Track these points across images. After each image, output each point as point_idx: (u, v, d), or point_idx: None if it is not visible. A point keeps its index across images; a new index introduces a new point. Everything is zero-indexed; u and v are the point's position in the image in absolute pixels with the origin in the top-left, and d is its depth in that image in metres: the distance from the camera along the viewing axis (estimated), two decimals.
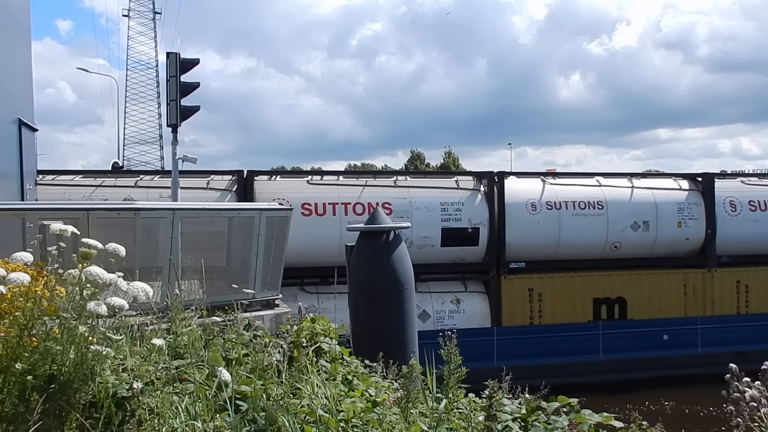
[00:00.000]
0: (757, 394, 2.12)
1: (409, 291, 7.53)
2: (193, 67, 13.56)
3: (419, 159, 70.27)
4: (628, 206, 16.99)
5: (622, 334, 16.50)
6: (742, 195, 17.74)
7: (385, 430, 3.01)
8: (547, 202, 16.62)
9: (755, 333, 17.06)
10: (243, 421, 2.82)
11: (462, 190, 16.47)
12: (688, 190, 17.55)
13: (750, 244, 17.58)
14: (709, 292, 17.31)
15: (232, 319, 4.60)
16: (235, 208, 8.11)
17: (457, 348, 4.30)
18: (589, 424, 3.18)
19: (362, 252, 7.72)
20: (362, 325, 7.38)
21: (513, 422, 3.34)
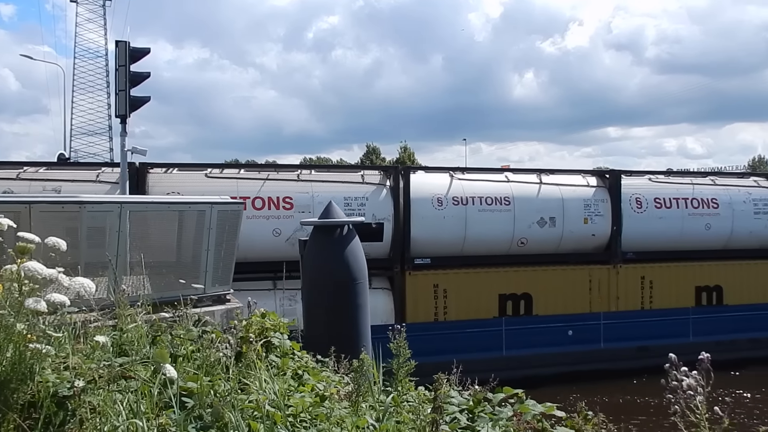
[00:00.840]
0: (694, 383, 2.19)
1: (362, 285, 7.56)
2: (143, 56, 13.20)
3: (375, 153, 70.13)
4: (535, 202, 16.93)
5: (526, 330, 16.45)
6: (649, 192, 17.87)
7: (333, 424, 3.02)
8: (453, 197, 16.43)
9: (657, 328, 17.23)
10: (189, 418, 2.80)
11: (367, 184, 16.17)
12: (595, 186, 17.58)
13: (655, 241, 17.73)
14: (614, 288, 17.39)
15: (181, 314, 4.56)
16: (185, 201, 7.89)
17: (406, 342, 4.44)
18: (533, 413, 3.23)
19: (316, 246, 7.75)
20: (315, 320, 7.43)
21: (460, 414, 3.36)
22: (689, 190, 18.30)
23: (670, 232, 17.85)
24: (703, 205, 18.18)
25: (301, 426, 3.04)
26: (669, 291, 17.82)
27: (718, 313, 17.91)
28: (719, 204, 18.31)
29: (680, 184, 18.45)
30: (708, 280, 18.28)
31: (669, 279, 17.88)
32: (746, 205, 18.55)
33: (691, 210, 18.05)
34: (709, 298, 18.26)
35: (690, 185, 18.45)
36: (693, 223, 18.04)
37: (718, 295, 18.33)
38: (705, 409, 2.18)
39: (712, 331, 17.35)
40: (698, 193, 18.28)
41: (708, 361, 2.23)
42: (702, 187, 18.48)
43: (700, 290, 18.21)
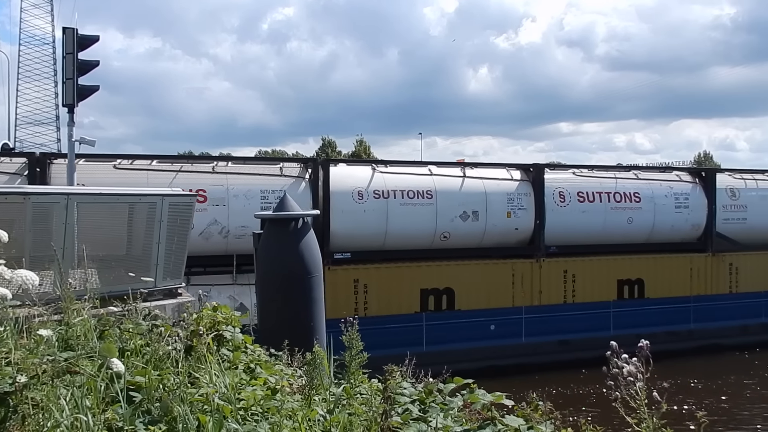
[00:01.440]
0: (634, 370, 2.26)
1: (317, 279, 7.57)
2: (92, 44, 12.81)
3: (331, 147, 69.76)
4: (457, 196, 16.77)
5: (447, 325, 16.27)
6: (572, 186, 17.88)
7: (284, 416, 3.00)
8: (374, 190, 16.14)
9: (578, 322, 17.27)
10: (137, 412, 2.76)
11: (285, 177, 15.77)
12: (519, 180, 17.49)
13: (577, 235, 17.75)
14: (537, 282, 17.35)
15: (131, 308, 4.51)
16: (135, 193, 7.79)
17: (359, 334, 4.45)
18: (482, 402, 3.26)
19: (270, 240, 7.70)
20: (270, 313, 7.39)
21: (412, 405, 3.38)
22: (612, 184, 18.40)
23: (593, 226, 17.92)
24: (625, 199, 18.30)
25: (252, 419, 3.01)
26: (591, 285, 17.89)
27: (639, 306, 18.03)
28: (641, 198, 18.46)
29: (603, 178, 18.52)
30: (630, 274, 18.43)
31: (591, 273, 17.95)
32: (668, 199, 18.75)
33: (613, 204, 18.15)
34: (630, 291, 18.43)
35: (613, 179, 18.54)
36: (615, 217, 18.16)
37: (640, 289, 18.52)
38: (645, 395, 2.23)
39: (632, 324, 17.50)
40: (621, 188, 18.39)
41: (647, 348, 2.29)
42: (625, 182, 18.61)
43: (622, 284, 18.36)
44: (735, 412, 14.31)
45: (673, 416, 2.52)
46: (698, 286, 19.07)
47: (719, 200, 19.32)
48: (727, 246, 19.60)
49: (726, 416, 13.95)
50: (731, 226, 19.59)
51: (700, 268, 19.18)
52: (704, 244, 19.28)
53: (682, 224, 18.96)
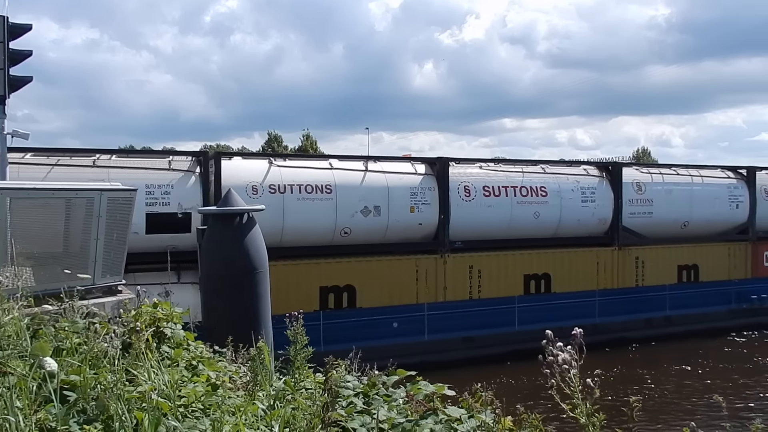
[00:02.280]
0: (569, 357, 2.32)
1: (263, 274, 7.51)
2: (24, 33, 12.30)
3: (277, 141, 68.97)
4: (359, 190, 16.30)
5: (347, 323, 15.75)
6: (478, 180, 17.63)
7: (225, 412, 2.95)
8: (270, 185, 15.50)
9: (483, 318, 17.01)
10: (71, 412, 2.73)
11: (174, 171, 14.97)
12: (423, 174, 17.10)
13: (483, 230, 17.51)
14: (442, 278, 17.01)
15: (68, 307, 4.37)
16: (72, 188, 7.60)
17: (304, 329, 4.40)
18: (425, 393, 3.29)
19: (215, 235, 7.65)
20: (215, 310, 7.30)
21: (356, 397, 3.37)
22: (519, 178, 18.23)
23: (499, 221, 17.75)
24: (531, 194, 18.18)
25: (193, 416, 2.96)
26: (498, 280, 17.69)
27: (544, 301, 17.91)
28: (548, 192, 18.39)
29: (510, 172, 18.34)
30: (536, 269, 18.33)
31: (497, 268, 17.76)
32: (574, 193, 18.74)
33: (519, 198, 18.00)
34: (537, 286, 18.32)
35: (520, 173, 18.36)
36: (522, 211, 18.03)
37: (546, 283, 18.42)
38: (578, 381, 2.28)
39: (538, 319, 17.29)
40: (527, 182, 18.26)
41: (581, 336, 2.35)
42: (531, 176, 18.49)
43: (529, 278, 18.24)
44: (661, 403, 14.28)
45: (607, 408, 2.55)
46: (605, 280, 19.15)
47: (625, 194, 19.44)
48: (634, 240, 19.75)
49: (658, 408, 13.94)
50: (637, 220, 19.75)
51: (606, 262, 19.24)
52: (611, 238, 19.36)
53: (588, 218, 18.98)
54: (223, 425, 2.81)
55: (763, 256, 22.04)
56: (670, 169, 21.12)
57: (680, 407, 14.27)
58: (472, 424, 3.01)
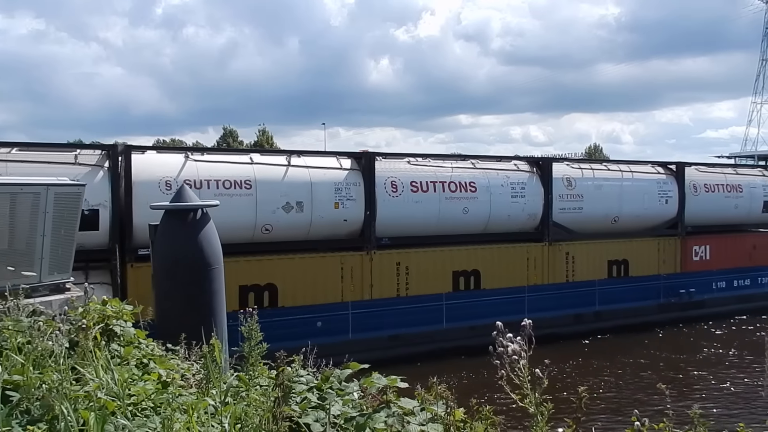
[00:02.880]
0: (518, 348, 2.37)
1: (217, 270, 7.41)
2: None
3: (232, 136, 68.48)
4: (280, 186, 15.78)
5: (267, 323, 15.10)
6: (405, 175, 17.30)
7: (175, 409, 2.91)
8: (186, 180, 14.74)
9: (410, 316, 16.70)
10: (13, 412, 2.70)
11: (80, 166, 14.19)
12: (348, 169, 16.67)
13: (411, 226, 17.19)
14: (368, 275, 16.61)
15: (12, 305, 4.33)
16: (17, 183, 7.43)
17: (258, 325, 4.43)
18: (377, 386, 3.32)
19: (168, 231, 7.50)
20: (168, 307, 7.19)
21: (310, 392, 3.35)
22: (447, 173, 17.96)
23: (427, 217, 17.47)
24: (461, 189, 17.95)
25: (143, 414, 2.94)
26: (426, 277, 17.41)
27: (473, 298, 17.70)
28: (477, 188, 18.18)
29: (438, 167, 18.04)
30: (465, 265, 18.13)
31: (426, 265, 17.48)
32: (504, 188, 18.60)
33: (448, 194, 17.75)
34: (466, 282, 18.09)
35: (449, 168, 18.08)
36: (450, 207, 17.78)
37: (476, 280, 18.23)
38: (528, 371, 2.36)
39: (466, 316, 17.18)
40: (456, 177, 18.04)
41: (530, 327, 2.45)
42: (461, 171, 18.26)
43: (458, 275, 18.00)
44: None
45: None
46: (535, 275, 19.06)
47: (556, 190, 19.40)
48: (564, 235, 19.74)
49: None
50: (568, 216, 19.75)
51: (536, 257, 19.18)
52: (541, 233, 19.30)
53: (518, 214, 18.87)
54: (173, 423, 2.77)
55: (692, 251, 22.37)
56: (601, 165, 21.23)
57: (624, 397, 14.43)
58: (424, 416, 3.00)
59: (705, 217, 22.68)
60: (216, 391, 3.52)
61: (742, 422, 3.10)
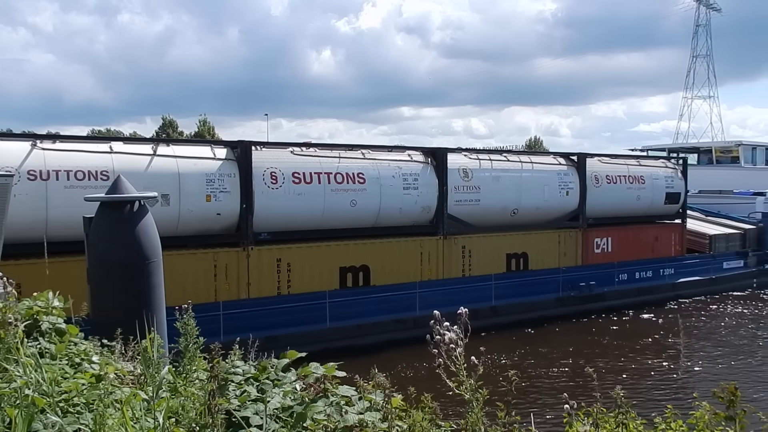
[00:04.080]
0: (455, 337, 2.44)
1: (156, 264, 7.36)
2: None
3: (171, 126, 67.14)
4: (143, 177, 14.49)
5: None
6: (287, 166, 16.34)
7: (107, 406, 2.86)
8: (30, 170, 13.48)
9: (289, 315, 15.74)
10: None
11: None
12: (222, 159, 15.56)
13: (293, 220, 16.24)
14: (245, 273, 15.56)
15: None
16: None
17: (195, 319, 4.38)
18: (316, 376, 3.35)
19: (103, 224, 7.41)
20: (105, 303, 7.08)
21: (248, 385, 3.32)
22: (334, 164, 17.05)
23: (311, 210, 16.55)
24: (348, 180, 17.07)
25: (75, 411, 2.89)
26: (310, 274, 16.52)
27: (361, 295, 16.88)
28: (366, 179, 17.34)
29: (325, 157, 17.10)
30: (354, 261, 17.32)
31: (310, 261, 16.57)
32: (395, 180, 17.86)
33: (334, 185, 16.84)
34: (354, 279, 17.28)
35: (335, 159, 17.17)
36: (337, 199, 16.90)
37: (365, 276, 17.42)
38: (464, 359, 2.45)
39: (352, 315, 16.32)
40: (344, 168, 17.15)
41: (466, 315, 2.53)
42: (348, 161, 17.38)
43: (345, 271, 17.14)
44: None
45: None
46: (429, 270, 18.40)
47: (451, 181, 18.78)
48: (460, 228, 19.16)
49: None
50: (464, 208, 19.19)
51: (431, 251, 18.54)
52: (436, 227, 18.65)
53: (411, 206, 18.16)
54: (105, 419, 2.70)
55: (593, 243, 22.23)
56: (500, 156, 20.74)
57: (550, 384, 14.32)
58: (363, 404, 3.01)
59: (607, 208, 22.59)
60: (152, 387, 3.40)
61: (655, 407, 3.58)
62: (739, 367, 16.20)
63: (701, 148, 35.31)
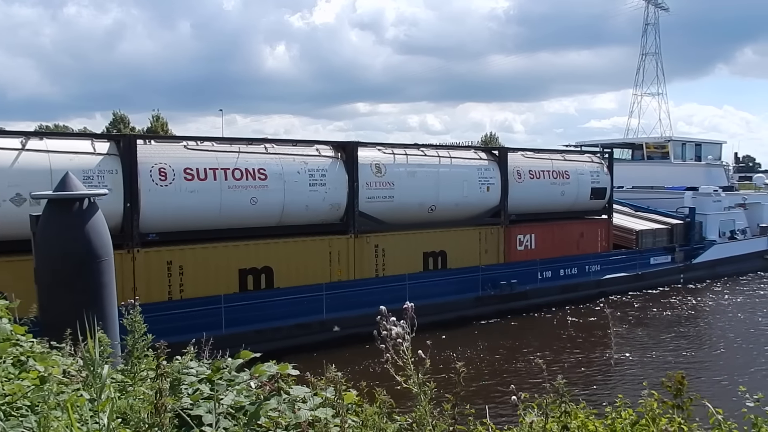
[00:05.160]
0: (402, 331, 2.45)
1: (107, 263, 7.14)
2: None
3: (123, 122, 66.02)
4: (8, 174, 13.23)
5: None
6: (178, 162, 15.30)
7: (51, 408, 2.76)
8: None
9: (179, 322, 14.61)
10: None
11: None
12: (103, 154, 14.42)
13: (186, 219, 15.15)
14: (130, 277, 14.43)
15: None
16: None
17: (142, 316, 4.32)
18: (269, 374, 3.28)
19: (52, 222, 7.12)
20: (53, 302, 6.82)
21: (201, 384, 3.27)
22: (232, 159, 16.03)
23: (206, 208, 15.48)
24: (248, 177, 16.09)
25: (18, 413, 2.81)
26: (206, 277, 15.52)
27: (263, 298, 15.91)
28: (268, 175, 16.37)
29: (222, 152, 16.06)
30: (255, 262, 16.35)
31: (205, 263, 15.57)
32: (301, 176, 16.95)
33: (232, 182, 15.83)
34: (256, 281, 16.30)
35: (234, 153, 16.15)
36: (235, 197, 15.92)
37: (268, 278, 16.46)
38: (411, 353, 2.48)
39: (251, 320, 15.33)
40: (243, 163, 16.15)
41: (412, 310, 2.54)
42: (249, 156, 16.38)
43: (245, 273, 16.17)
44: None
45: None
46: (339, 271, 17.60)
47: (363, 177, 17.96)
48: (374, 226, 18.37)
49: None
50: (377, 205, 18.41)
51: (341, 251, 17.70)
52: (346, 225, 17.79)
53: (319, 204, 17.28)
54: (50, 421, 2.63)
55: (516, 240, 21.73)
56: (418, 150, 20.02)
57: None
58: (316, 401, 2.98)
59: (530, 204, 22.14)
60: (98, 387, 3.34)
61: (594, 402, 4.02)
62: (684, 358, 16.25)
63: (635, 144, 35.39)
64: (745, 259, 29.64)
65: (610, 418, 3.53)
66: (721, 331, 19.87)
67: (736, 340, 18.37)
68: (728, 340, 18.38)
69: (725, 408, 3.43)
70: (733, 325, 20.37)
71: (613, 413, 3.57)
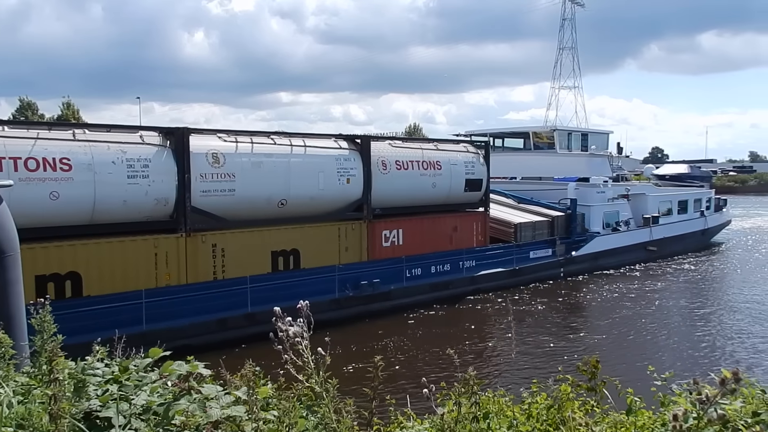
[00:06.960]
0: (299, 330, 2.40)
1: (12, 258, 6.36)
2: None
3: (31, 109, 62.51)
4: None
5: None
6: (28, 152, 12.81)
7: None
8: None
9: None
10: None
11: None
12: None
13: None
14: None
15: None
16: None
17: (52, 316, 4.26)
18: (179, 374, 3.13)
19: None
20: None
21: (109, 384, 3.11)
22: (26, 147, 13.88)
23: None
24: (46, 168, 14.00)
25: None
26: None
27: (61, 309, 13.74)
28: (73, 165, 14.40)
29: (13, 138, 13.87)
30: (58, 267, 14.30)
31: None
32: (117, 166, 15.01)
33: (25, 174, 13.72)
34: (60, 290, 14.24)
35: (30, 140, 13.93)
36: (31, 192, 13.71)
37: (75, 285, 14.45)
38: (311, 352, 2.41)
39: None
40: (41, 152, 14.04)
41: (307, 307, 2.45)
42: (48, 144, 14.23)
43: (46, 281, 14.07)
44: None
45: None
46: (168, 275, 15.66)
47: (196, 168, 16.09)
48: (211, 224, 16.54)
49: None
50: (215, 200, 16.57)
51: (170, 252, 15.77)
52: (176, 222, 15.88)
53: (140, 199, 15.28)
54: None
55: (381, 236, 20.41)
56: (266, 138, 18.29)
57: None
58: (228, 399, 2.86)
59: (397, 197, 20.86)
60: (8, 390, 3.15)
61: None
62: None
63: (522, 133, 34.91)
64: (628, 251, 29.65)
65: (526, 402, 3.58)
66: (601, 321, 19.46)
67: (620, 329, 17.97)
68: (606, 331, 17.83)
69: (636, 389, 3.55)
70: (614, 316, 19.92)
71: (530, 399, 3.61)
